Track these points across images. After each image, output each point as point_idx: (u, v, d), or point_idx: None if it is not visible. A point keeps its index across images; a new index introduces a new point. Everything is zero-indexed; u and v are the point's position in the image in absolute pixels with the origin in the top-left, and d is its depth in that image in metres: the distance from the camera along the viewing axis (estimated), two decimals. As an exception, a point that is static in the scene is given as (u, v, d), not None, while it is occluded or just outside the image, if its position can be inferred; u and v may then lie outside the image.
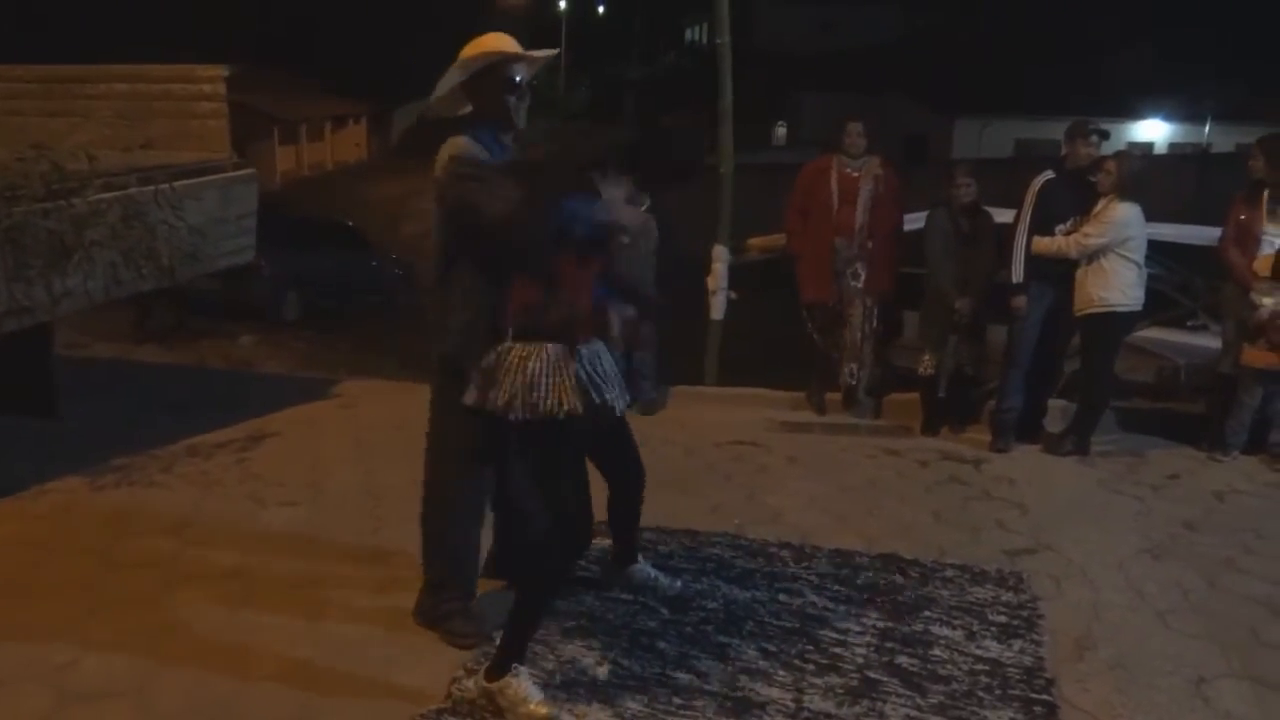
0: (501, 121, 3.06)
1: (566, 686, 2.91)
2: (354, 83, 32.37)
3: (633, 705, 2.83)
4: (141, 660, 3.08)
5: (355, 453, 5.09)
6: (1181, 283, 7.01)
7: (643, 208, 5.82)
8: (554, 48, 3.41)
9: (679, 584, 3.53)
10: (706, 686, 2.93)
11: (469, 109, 3.12)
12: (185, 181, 5.42)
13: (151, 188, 5.15)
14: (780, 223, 6.13)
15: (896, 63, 28.26)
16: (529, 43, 3.17)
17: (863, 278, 5.73)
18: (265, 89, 24.18)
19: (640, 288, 3.27)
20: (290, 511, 4.29)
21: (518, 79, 3.04)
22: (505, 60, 3.03)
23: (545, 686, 2.88)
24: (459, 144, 2.97)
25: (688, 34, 41.46)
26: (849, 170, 5.73)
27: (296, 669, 3.05)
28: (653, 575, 3.51)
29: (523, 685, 2.77)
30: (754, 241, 7.37)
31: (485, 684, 2.81)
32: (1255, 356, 5.04)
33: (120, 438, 5.15)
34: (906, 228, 5.95)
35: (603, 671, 3.00)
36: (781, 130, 31.75)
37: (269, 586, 3.58)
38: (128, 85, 6.26)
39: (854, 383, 5.95)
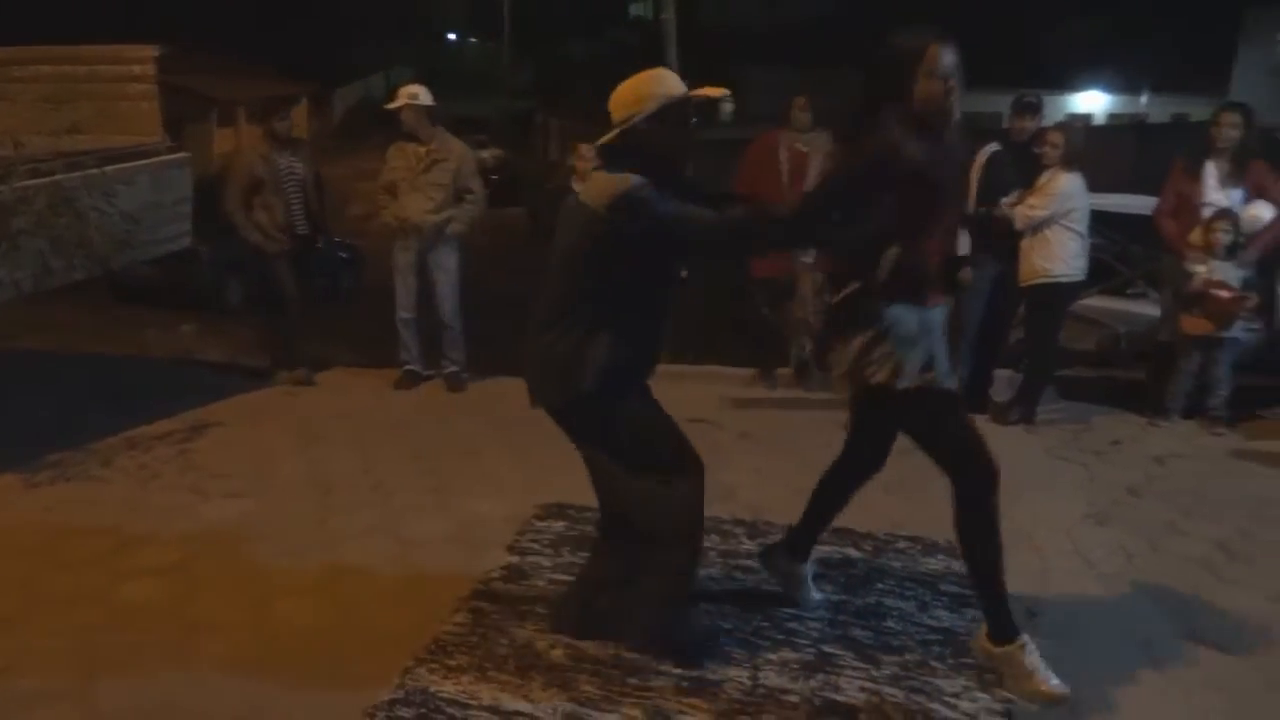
0: (675, 164, 2.89)
1: (520, 671, 2.88)
2: (294, 63, 31.75)
3: (588, 688, 2.81)
4: (83, 659, 3.00)
5: (301, 441, 5.00)
6: (1120, 252, 7.14)
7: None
8: (664, 70, 3.07)
9: (818, 597, 3.34)
10: (662, 666, 2.92)
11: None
12: (116, 166, 5.25)
13: (80, 173, 4.98)
14: (728, 199, 6.10)
15: (842, 36, 28.31)
16: (470, 17, 3.07)
17: (813, 252, 5.73)
18: (201, 70, 23.56)
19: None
20: (235, 503, 4.20)
21: (694, 120, 2.91)
22: (686, 103, 2.87)
23: (499, 671, 2.86)
24: (631, 181, 2.73)
25: (632, 10, 41.17)
26: (798, 146, 5.73)
27: (244, 663, 2.99)
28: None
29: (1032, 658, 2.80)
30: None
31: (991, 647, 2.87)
32: (1191, 324, 5.15)
33: (56, 432, 5.00)
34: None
35: (557, 654, 2.98)
36: (729, 106, 31.65)
37: (214, 580, 3.51)
38: (53, 67, 6.03)
39: (805, 357, 5.98)
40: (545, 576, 3.47)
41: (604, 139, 2.87)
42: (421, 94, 5.77)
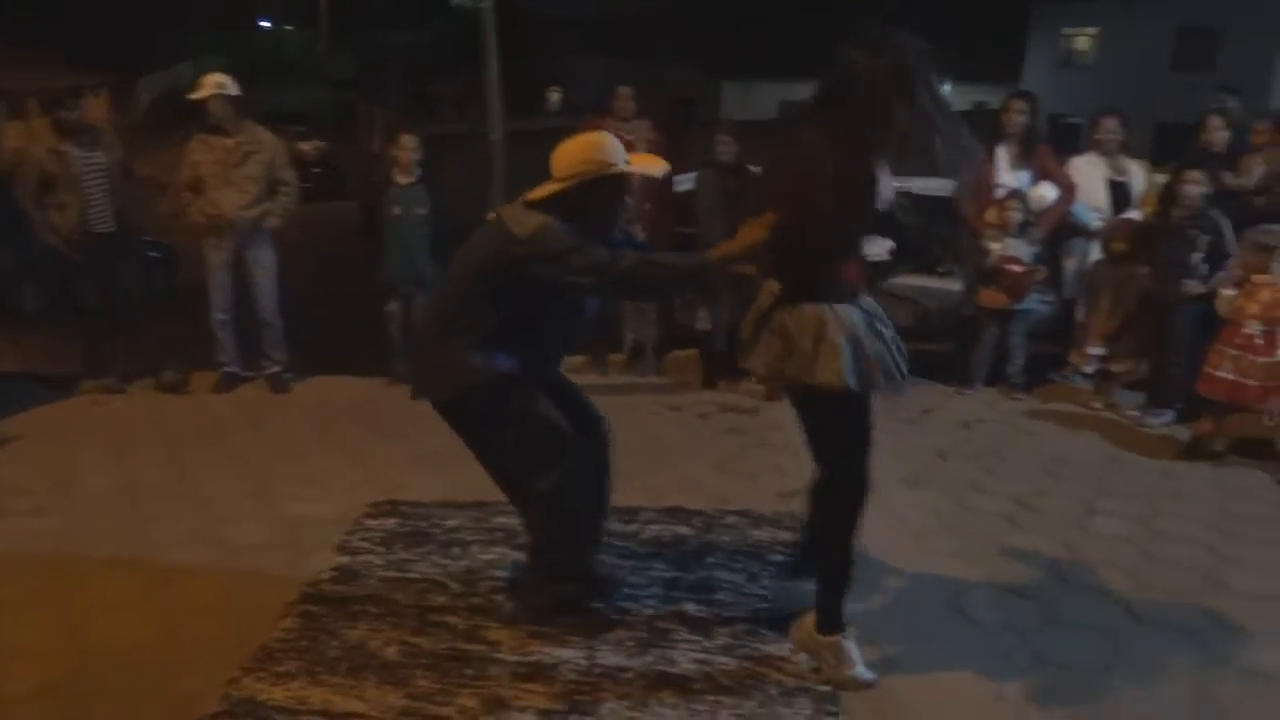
0: (604, 229, 3.00)
1: (353, 672, 2.83)
2: (92, 51, 29.70)
3: (423, 683, 2.79)
4: None
5: (111, 452, 4.72)
6: (929, 232, 7.55)
7: (414, 180, 5.71)
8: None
9: None
10: (498, 655, 2.94)
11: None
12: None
13: None
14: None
15: (667, 27, 28.79)
16: (285, 3, 3.03)
17: (640, 240, 5.82)
18: (-17, 59, 21.75)
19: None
20: (39, 520, 3.93)
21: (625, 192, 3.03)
22: (624, 178, 2.98)
23: (330, 673, 2.80)
24: (548, 217, 2.87)
25: (455, -3, 40.54)
26: (622, 134, 5.80)
27: (57, 689, 2.81)
28: None
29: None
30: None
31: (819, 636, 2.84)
32: (989, 298, 5.53)
33: None
34: (678, 188, 6.10)
35: (391, 653, 2.94)
36: (555, 96, 31.66)
37: (19, 603, 3.28)
38: None
39: (639, 343, 6.08)
40: (377, 575, 3.42)
41: (540, 193, 2.96)
42: (229, 83, 5.53)
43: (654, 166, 3.23)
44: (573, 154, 2.96)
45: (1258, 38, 22.89)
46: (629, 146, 5.67)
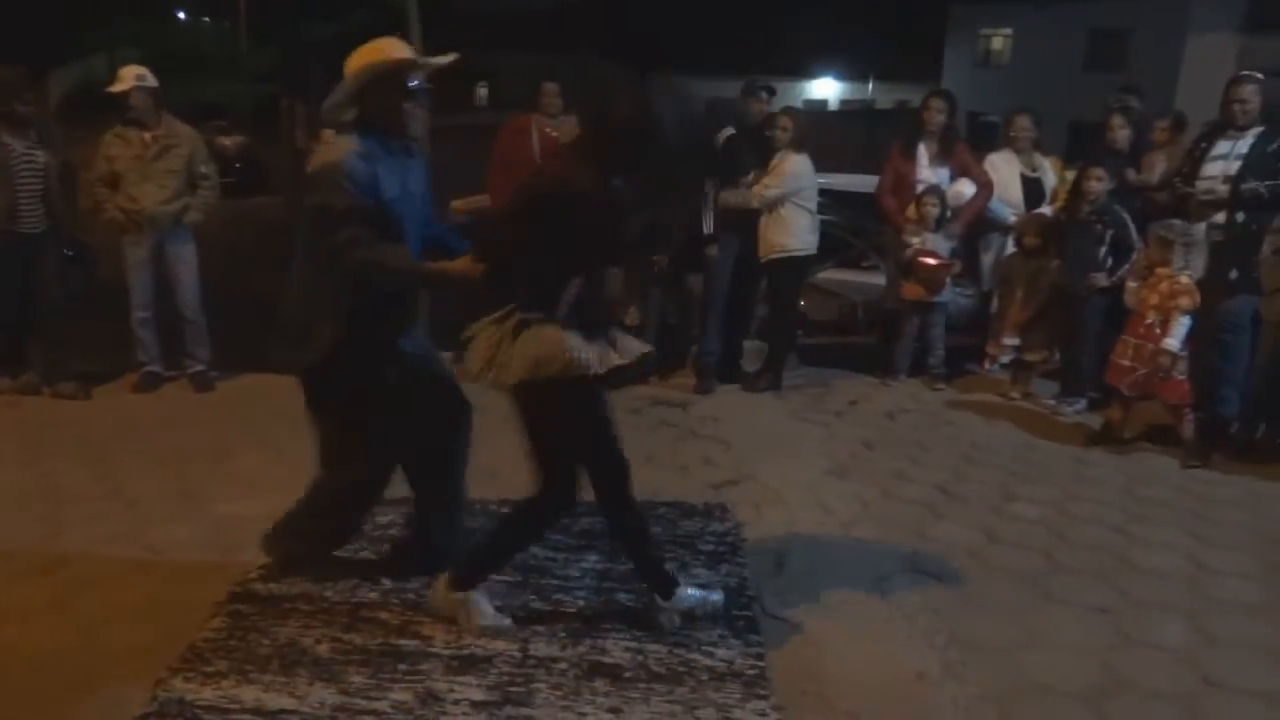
0: (395, 129, 3.04)
1: (284, 669, 2.82)
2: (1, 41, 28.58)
3: (357, 678, 2.79)
4: None
5: (27, 453, 4.59)
6: (855, 228, 7.71)
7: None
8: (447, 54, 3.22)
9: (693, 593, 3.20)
10: (431, 649, 2.94)
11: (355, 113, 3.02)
12: None
13: None
14: (483, 184, 6.12)
15: (594, 23, 28.79)
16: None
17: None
18: (-121, 48, 20.78)
19: None
20: (-51, 526, 3.81)
21: (413, 85, 3.00)
22: (401, 68, 2.97)
23: (261, 671, 2.79)
24: (343, 151, 2.90)
25: (379, -10, 39.92)
26: (549, 130, 5.82)
27: (-29, 697, 2.74)
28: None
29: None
30: (457, 204, 7.29)
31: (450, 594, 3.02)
32: (910, 290, 5.68)
33: None
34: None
35: (324, 649, 2.93)
36: (483, 91, 31.50)
37: (-71, 611, 3.18)
38: None
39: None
40: (309, 576, 3.38)
41: (346, 117, 3.01)
42: (148, 75, 5.40)
43: (444, 58, 3.25)
44: (357, 59, 2.98)
45: (1165, 40, 23.76)
46: (555, 142, 5.76)
